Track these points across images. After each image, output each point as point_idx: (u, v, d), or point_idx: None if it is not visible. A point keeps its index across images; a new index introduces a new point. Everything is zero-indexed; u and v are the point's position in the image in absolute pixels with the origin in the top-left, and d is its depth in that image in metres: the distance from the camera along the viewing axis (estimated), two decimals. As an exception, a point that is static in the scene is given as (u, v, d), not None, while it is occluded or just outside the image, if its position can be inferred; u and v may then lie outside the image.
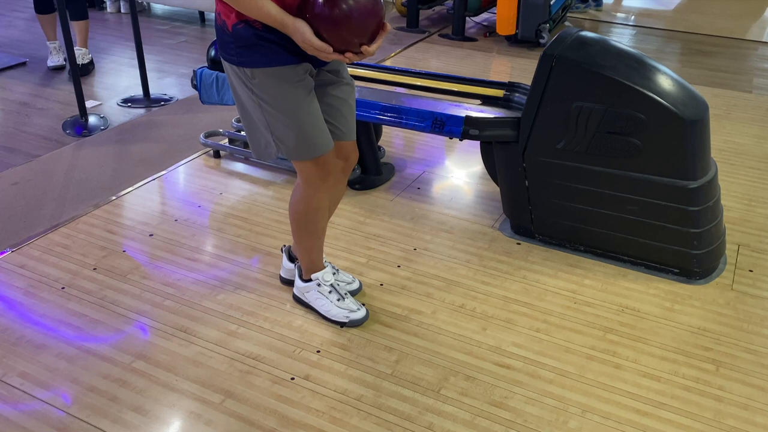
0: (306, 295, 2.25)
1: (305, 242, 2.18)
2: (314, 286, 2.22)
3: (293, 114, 1.86)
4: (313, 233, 2.14)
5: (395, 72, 3.16)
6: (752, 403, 1.95)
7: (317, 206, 2.07)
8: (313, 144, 1.92)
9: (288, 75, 1.83)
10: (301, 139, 1.90)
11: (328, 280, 2.21)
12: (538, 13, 5.09)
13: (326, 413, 1.88)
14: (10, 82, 4.53)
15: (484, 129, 2.58)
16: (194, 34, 5.79)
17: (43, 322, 2.21)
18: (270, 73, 1.81)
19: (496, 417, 1.88)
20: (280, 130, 1.89)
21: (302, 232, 2.15)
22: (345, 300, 2.21)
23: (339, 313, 2.20)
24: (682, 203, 2.35)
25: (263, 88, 1.84)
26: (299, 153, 1.94)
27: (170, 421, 1.86)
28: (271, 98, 1.85)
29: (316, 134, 1.91)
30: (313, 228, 2.13)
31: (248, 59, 1.80)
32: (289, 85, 1.84)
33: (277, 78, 1.82)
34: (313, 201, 2.05)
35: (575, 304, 2.34)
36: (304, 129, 1.88)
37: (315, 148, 1.92)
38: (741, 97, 4.35)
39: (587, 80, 2.34)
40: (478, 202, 3.00)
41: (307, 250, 2.20)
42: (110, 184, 3.12)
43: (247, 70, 1.82)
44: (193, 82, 3.11)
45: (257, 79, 1.83)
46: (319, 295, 2.22)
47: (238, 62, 1.83)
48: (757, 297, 2.40)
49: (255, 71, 1.82)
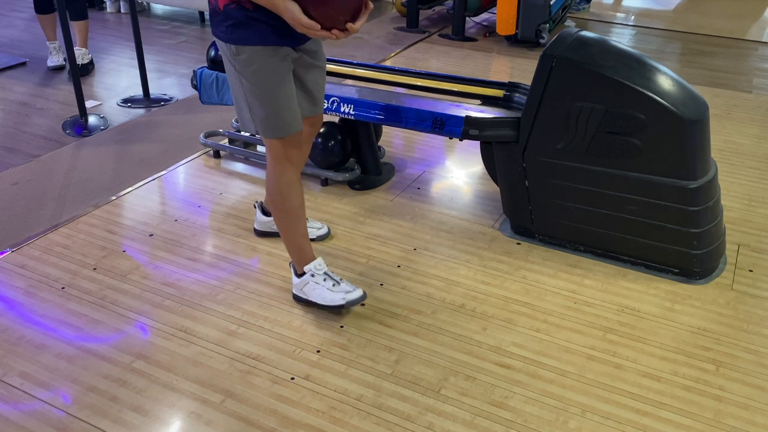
0: (303, 290, 2.27)
1: (284, 224, 2.24)
2: (309, 278, 2.24)
3: (269, 92, 2.01)
4: (289, 212, 2.21)
5: (395, 72, 3.16)
6: (752, 403, 1.95)
7: (287, 182, 2.16)
8: (283, 123, 2.05)
9: (270, 55, 1.97)
10: (272, 117, 2.04)
11: (320, 269, 2.24)
12: (538, 13, 5.09)
13: (326, 413, 1.88)
14: (10, 82, 4.53)
15: (484, 129, 2.58)
16: (194, 34, 5.79)
17: (43, 322, 2.22)
18: (254, 51, 1.95)
19: (496, 417, 1.88)
20: (255, 106, 2.04)
21: (278, 210, 2.23)
22: (340, 284, 2.24)
23: (335, 297, 2.21)
24: (682, 203, 2.35)
25: (246, 64, 1.97)
26: (269, 130, 2.07)
27: (170, 421, 1.86)
28: (251, 75, 1.99)
29: (287, 115, 2.05)
30: (288, 206, 2.19)
31: (236, 36, 1.94)
32: (270, 64, 1.98)
33: (260, 56, 1.96)
34: (282, 177, 2.15)
35: (575, 304, 2.34)
36: (276, 108, 2.03)
37: (284, 128, 2.06)
38: (741, 97, 4.35)
39: (587, 80, 2.34)
40: (478, 202, 3.00)
41: (291, 235, 2.23)
42: (110, 184, 3.12)
43: (233, 47, 1.96)
44: (193, 82, 3.12)
45: (241, 55, 1.96)
46: (315, 285, 2.24)
47: (227, 39, 1.96)
48: (757, 297, 2.40)
49: (240, 48, 1.95)
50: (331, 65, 3.19)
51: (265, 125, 2.05)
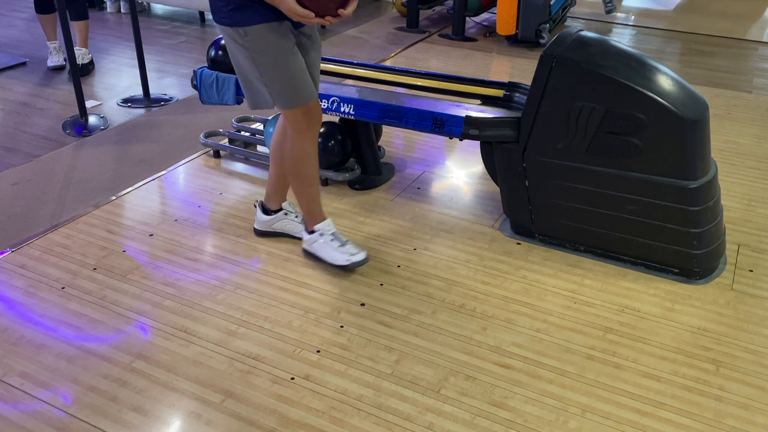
0: (313, 246, 2.48)
1: (300, 189, 2.42)
2: (318, 237, 2.46)
3: (282, 64, 2.14)
4: (304, 180, 2.38)
5: (395, 72, 3.16)
6: (752, 403, 1.95)
7: (305, 152, 2.31)
8: (300, 92, 2.19)
9: (275, 30, 2.09)
10: (289, 87, 2.17)
11: (329, 230, 2.45)
12: (538, 13, 5.10)
13: (326, 413, 1.88)
14: (10, 82, 4.53)
15: (484, 129, 2.58)
16: (194, 34, 5.79)
17: (43, 322, 2.22)
18: (260, 29, 2.07)
19: (496, 417, 1.88)
20: (272, 80, 2.16)
21: (294, 177, 2.40)
22: (346, 245, 2.44)
23: (340, 258, 2.41)
24: (682, 203, 2.35)
25: (255, 43, 2.09)
26: (288, 101, 2.20)
27: (170, 421, 1.86)
28: (262, 51, 2.11)
29: (302, 84, 2.18)
30: (303, 175, 2.37)
31: (239, 19, 2.06)
32: (277, 38, 2.10)
33: (267, 32, 2.08)
34: (300, 147, 2.30)
35: (575, 304, 2.34)
36: (292, 78, 2.16)
37: (302, 97, 2.19)
38: (741, 97, 4.35)
39: (587, 80, 2.34)
40: (478, 202, 3.00)
41: (305, 200, 2.44)
42: (110, 184, 3.12)
43: (240, 29, 2.07)
44: (193, 82, 3.12)
45: (249, 36, 2.08)
46: (323, 244, 2.45)
47: (231, 23, 2.08)
48: (757, 297, 2.40)
49: (247, 29, 2.07)
50: (331, 65, 3.19)
51: (284, 97, 2.19)
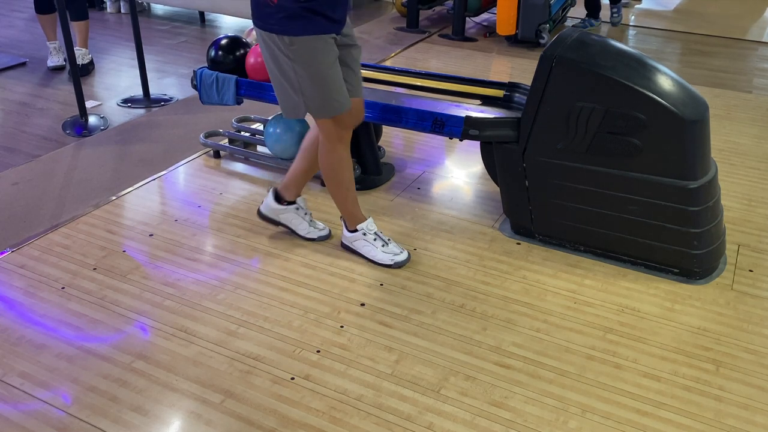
0: (354, 243, 2.53)
1: (338, 194, 2.49)
2: (360, 236, 2.50)
3: (322, 77, 2.18)
4: (341, 184, 2.45)
5: (395, 72, 3.16)
6: (752, 403, 1.95)
7: (338, 158, 2.38)
8: (336, 103, 2.24)
9: (322, 43, 2.14)
10: (326, 98, 2.22)
11: (372, 229, 2.51)
12: (538, 14, 5.10)
13: (326, 413, 1.88)
14: (10, 82, 4.53)
15: (484, 129, 2.58)
16: (194, 34, 5.79)
17: (43, 322, 2.21)
18: (307, 41, 2.12)
19: (496, 417, 1.88)
20: (308, 90, 2.20)
21: (331, 184, 2.47)
22: (389, 245, 2.51)
23: (385, 257, 2.48)
24: (682, 203, 2.35)
25: (300, 53, 2.14)
26: (323, 111, 2.26)
27: (170, 421, 1.86)
28: (305, 63, 2.16)
29: (339, 95, 2.23)
30: (339, 179, 2.44)
31: (289, 28, 2.10)
32: (322, 51, 2.15)
33: (313, 45, 2.13)
34: (333, 154, 2.37)
35: (575, 304, 2.34)
36: (329, 91, 2.21)
37: (338, 107, 2.25)
38: (741, 97, 4.35)
39: (587, 80, 2.34)
40: (478, 202, 3.00)
41: (343, 203, 2.50)
42: (110, 184, 3.12)
43: (286, 38, 2.12)
44: (193, 83, 3.11)
45: (295, 45, 2.12)
46: (366, 243, 2.51)
47: (280, 30, 2.12)
48: (757, 297, 2.40)
49: (294, 39, 2.11)
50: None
51: (319, 107, 2.24)
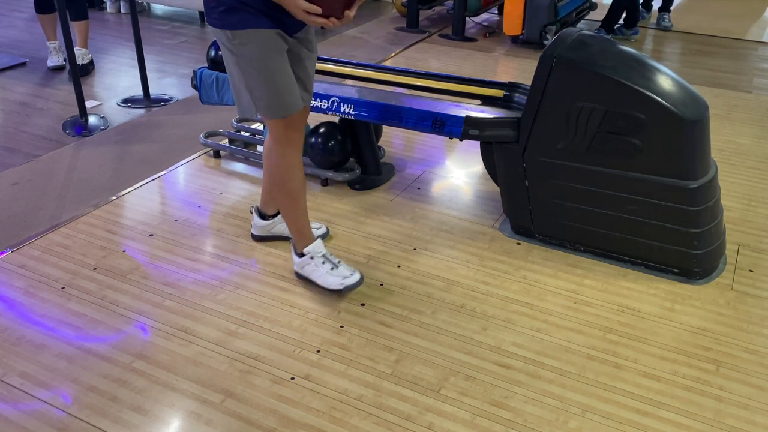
0: (304, 269, 2.37)
1: (287, 205, 2.31)
2: (308, 260, 2.34)
3: (268, 73, 2.04)
4: (290, 194, 2.28)
5: (395, 72, 3.16)
6: (752, 403, 1.95)
7: (288, 164, 2.23)
8: (284, 102, 2.10)
9: (264, 37, 2.00)
10: (274, 96, 2.08)
11: (319, 252, 2.33)
12: (543, 14, 5.08)
13: (326, 413, 1.88)
14: (10, 82, 4.53)
15: (484, 129, 2.58)
16: (194, 34, 5.79)
17: (43, 322, 2.21)
18: (248, 34, 1.98)
19: (496, 417, 1.88)
20: (257, 89, 2.07)
21: (280, 193, 2.31)
22: (338, 268, 2.32)
23: (334, 282, 2.29)
24: (682, 203, 2.35)
25: (242, 48, 2.01)
26: (272, 111, 2.11)
27: (170, 421, 1.86)
28: (248, 58, 2.03)
29: (287, 94, 2.09)
30: (289, 187, 2.26)
31: (229, 21, 1.98)
32: (266, 45, 2.01)
33: (255, 39, 1.99)
34: (284, 159, 2.22)
35: (575, 304, 2.34)
36: (277, 88, 2.07)
37: (286, 106, 2.10)
38: (741, 97, 4.35)
39: (587, 80, 2.34)
40: (478, 202, 3.00)
41: (292, 217, 2.33)
42: (110, 184, 3.12)
43: (228, 32, 2.00)
44: (193, 82, 3.11)
45: (237, 39, 2.00)
46: (314, 267, 2.33)
47: (221, 24, 2.00)
48: (757, 297, 2.40)
49: (235, 33, 1.99)
50: (331, 65, 3.19)
51: (267, 106, 2.10)
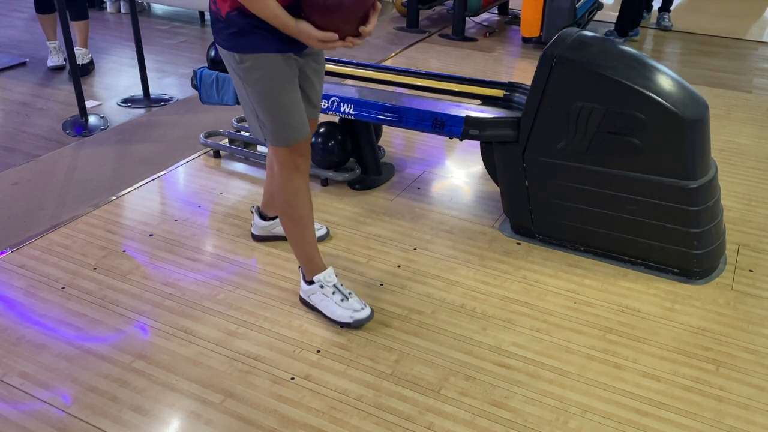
0: (311, 297, 2.25)
1: (294, 233, 2.21)
2: (318, 288, 2.22)
3: (274, 99, 1.98)
4: (298, 222, 2.17)
5: (395, 72, 3.16)
6: (752, 403, 1.95)
7: (294, 190, 2.13)
8: (290, 130, 2.02)
9: (274, 62, 1.94)
10: (279, 124, 2.01)
11: (330, 281, 2.21)
12: (564, 17, 4.99)
13: (326, 413, 1.88)
14: (10, 82, 4.53)
15: (484, 129, 2.58)
16: (194, 34, 5.79)
17: (43, 322, 2.21)
18: (257, 59, 1.92)
19: (496, 417, 1.88)
20: (262, 113, 2.01)
21: (286, 220, 2.19)
22: (349, 300, 2.21)
23: (343, 314, 2.19)
24: (682, 203, 2.35)
25: (250, 72, 1.94)
26: (277, 138, 2.04)
27: (170, 421, 1.86)
28: (256, 83, 1.96)
29: (294, 121, 2.02)
30: (296, 215, 2.16)
31: (238, 44, 1.91)
32: (274, 71, 1.95)
33: (264, 64, 1.93)
34: (289, 185, 2.12)
35: (575, 304, 2.34)
36: (283, 115, 2.00)
37: (292, 134, 2.03)
38: (741, 97, 4.35)
39: (587, 80, 2.34)
40: (478, 202, 3.00)
41: (300, 244, 2.21)
42: (110, 184, 3.12)
43: (236, 55, 1.93)
44: (193, 82, 3.11)
45: (245, 63, 1.93)
46: (323, 296, 2.22)
47: (228, 47, 1.94)
48: (757, 297, 2.40)
49: (244, 56, 1.92)
50: (331, 65, 3.19)
51: (272, 133, 2.02)
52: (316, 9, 1.81)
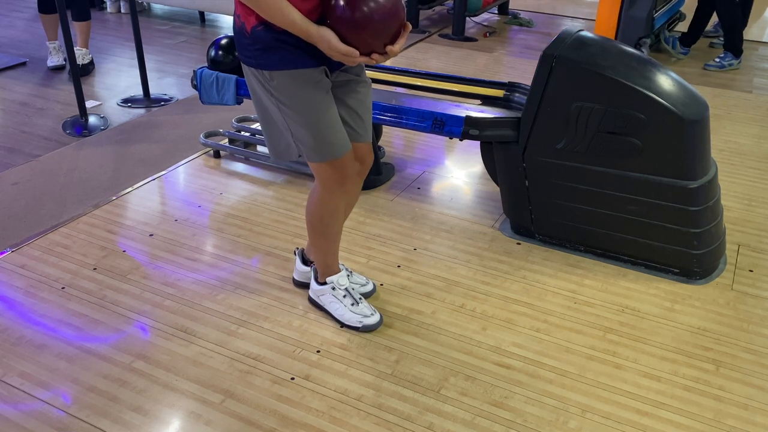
0: (321, 298, 2.24)
1: (320, 245, 2.18)
2: (329, 290, 2.21)
3: (311, 116, 1.87)
4: (328, 237, 2.15)
5: (395, 72, 3.16)
6: (752, 403, 1.95)
7: (333, 209, 2.07)
8: (330, 146, 1.92)
9: (306, 77, 1.84)
10: (318, 140, 1.90)
11: (342, 284, 2.20)
12: (640, 27, 4.65)
13: (326, 413, 1.88)
14: (10, 82, 4.53)
15: (484, 129, 2.58)
16: (194, 34, 5.79)
17: (43, 322, 2.21)
18: (288, 75, 1.83)
19: (496, 417, 1.88)
20: (299, 131, 1.91)
21: (317, 234, 2.15)
22: (359, 305, 2.20)
23: (353, 318, 2.18)
24: (682, 203, 2.35)
25: (282, 89, 1.85)
26: (316, 155, 1.94)
27: (170, 421, 1.86)
28: (289, 100, 1.86)
29: (333, 136, 1.91)
30: (329, 231, 2.13)
31: (267, 61, 1.82)
32: (307, 87, 1.85)
33: (295, 80, 1.83)
34: (329, 204, 2.06)
35: (575, 304, 2.34)
36: (321, 131, 1.89)
37: (332, 150, 1.93)
38: (741, 97, 4.35)
39: (587, 80, 2.34)
40: (478, 202, 3.00)
41: (322, 253, 2.19)
42: (110, 184, 3.12)
43: (265, 73, 1.84)
44: (193, 82, 3.11)
45: (276, 80, 1.84)
46: (334, 299, 2.20)
47: (257, 64, 1.84)
48: (757, 297, 2.40)
49: (273, 73, 1.83)
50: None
51: (311, 149, 1.93)
52: (343, 23, 1.71)
